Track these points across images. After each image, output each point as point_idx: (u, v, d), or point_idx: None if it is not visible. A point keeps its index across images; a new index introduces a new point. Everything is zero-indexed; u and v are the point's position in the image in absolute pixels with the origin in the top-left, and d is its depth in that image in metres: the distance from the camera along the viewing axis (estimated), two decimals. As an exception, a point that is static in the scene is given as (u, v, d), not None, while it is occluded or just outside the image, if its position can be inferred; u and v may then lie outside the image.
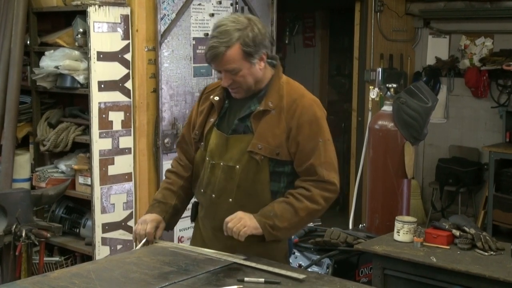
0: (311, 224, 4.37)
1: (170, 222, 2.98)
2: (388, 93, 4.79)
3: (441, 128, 7.39)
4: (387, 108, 4.68)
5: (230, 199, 2.78)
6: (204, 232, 2.94)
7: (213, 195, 2.82)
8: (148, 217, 2.90)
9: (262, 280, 2.38)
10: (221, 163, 2.79)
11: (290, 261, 3.91)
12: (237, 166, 2.76)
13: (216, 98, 2.85)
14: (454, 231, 3.50)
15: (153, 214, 2.92)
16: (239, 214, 2.69)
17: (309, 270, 3.64)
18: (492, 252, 3.36)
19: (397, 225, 3.57)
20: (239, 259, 2.64)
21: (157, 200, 2.98)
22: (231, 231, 2.67)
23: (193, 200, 3.04)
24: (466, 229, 3.48)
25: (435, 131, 7.17)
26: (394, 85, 4.84)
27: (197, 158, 2.93)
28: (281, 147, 2.74)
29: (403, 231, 3.55)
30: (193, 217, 3.04)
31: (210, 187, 2.83)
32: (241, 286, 2.30)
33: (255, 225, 2.68)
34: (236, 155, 2.77)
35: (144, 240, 2.85)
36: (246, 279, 2.39)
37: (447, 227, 3.52)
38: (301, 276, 2.46)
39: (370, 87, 5.25)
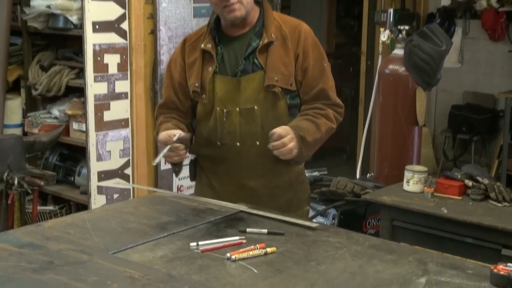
0: (316, 173, 4.38)
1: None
2: (400, 35, 4.75)
3: (455, 73, 7.35)
4: (398, 51, 4.66)
5: (258, 142, 2.79)
6: (222, 188, 2.91)
7: (237, 143, 2.82)
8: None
9: (265, 231, 2.39)
10: (237, 108, 2.80)
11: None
12: (255, 107, 2.79)
13: (209, 45, 2.83)
14: (466, 181, 3.51)
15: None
16: (289, 130, 2.66)
17: (314, 221, 3.66)
18: (505, 203, 3.37)
19: (407, 174, 3.58)
20: (243, 207, 2.65)
21: (169, 128, 2.80)
22: (283, 149, 2.64)
23: (189, 158, 3.01)
24: (479, 179, 3.49)
25: (448, 76, 7.13)
26: (406, 27, 4.81)
27: (199, 112, 2.90)
28: (293, 76, 2.80)
29: (413, 181, 3.56)
30: (193, 176, 3.04)
31: (230, 137, 2.82)
32: (242, 237, 2.32)
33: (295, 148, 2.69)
34: (251, 95, 2.79)
35: (177, 135, 2.66)
36: (248, 229, 2.40)
37: (459, 177, 3.53)
38: (314, 225, 2.48)
39: (381, 29, 5.21)
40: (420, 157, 4.78)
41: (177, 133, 2.68)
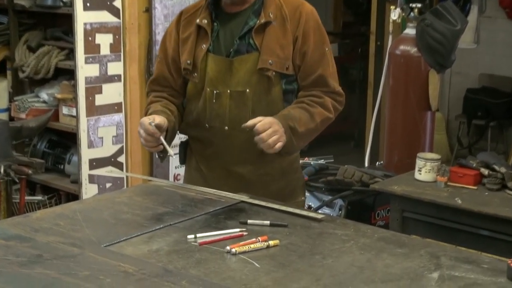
0: (322, 161, 4.38)
1: (168, 142, 2.81)
2: (412, 14, 4.74)
3: (471, 54, 7.33)
4: (410, 31, 4.64)
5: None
6: (211, 173, 2.93)
7: (226, 128, 2.82)
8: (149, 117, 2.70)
9: (268, 222, 2.39)
10: (228, 91, 2.80)
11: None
12: (247, 90, 2.79)
13: (205, 21, 2.83)
14: (482, 169, 3.51)
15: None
16: (272, 122, 2.65)
17: (320, 212, 3.67)
18: (524, 194, 3.38)
19: (419, 162, 3.58)
20: (244, 198, 2.66)
21: (158, 110, 2.81)
22: (265, 143, 2.64)
23: (179, 139, 3.02)
24: (496, 167, 3.49)
25: (463, 58, 7.10)
26: (419, 5, 4.79)
27: (189, 92, 2.91)
28: (289, 59, 2.79)
29: (425, 169, 3.56)
30: (183, 159, 3.05)
31: (219, 120, 2.83)
32: (243, 229, 2.32)
33: (283, 134, 2.68)
34: (243, 78, 2.79)
35: (163, 139, 2.65)
36: (249, 221, 2.40)
37: (474, 165, 3.53)
38: (320, 216, 2.49)
39: (391, 7, 5.18)
40: (432, 144, 4.77)
41: (155, 119, 2.65)
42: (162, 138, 2.66)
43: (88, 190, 4.60)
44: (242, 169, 2.86)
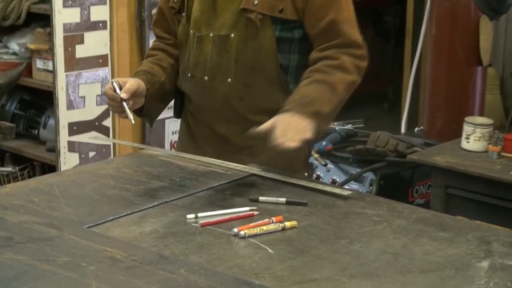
0: (349, 126, 4.38)
1: (153, 105, 2.95)
2: None
3: (531, -3, 7.29)
4: (458, -32, 4.62)
5: (229, 79, 2.81)
6: (196, 131, 2.98)
7: (205, 77, 2.85)
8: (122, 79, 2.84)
9: (283, 199, 2.40)
10: (211, 34, 2.83)
11: (321, 175, 3.96)
12: (232, 35, 2.79)
13: None
14: (543, 137, 3.51)
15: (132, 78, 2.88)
16: (284, 118, 2.59)
17: (347, 187, 3.68)
18: None
19: (467, 128, 3.58)
20: (255, 170, 2.67)
21: (142, 70, 2.95)
22: (281, 142, 2.53)
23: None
24: (560, 135, 3.49)
25: (522, 1, 7.07)
26: None
27: (179, 35, 2.95)
28: (285, 0, 2.74)
29: (474, 136, 3.55)
30: (178, 112, 3.08)
31: (199, 68, 2.86)
32: (254, 208, 2.33)
33: (306, 124, 2.59)
34: (228, 19, 2.80)
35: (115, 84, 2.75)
36: (261, 198, 2.41)
37: (534, 132, 3.53)
38: (346, 193, 2.49)
39: None
40: (483, 106, 4.76)
41: (126, 82, 2.77)
42: (124, 104, 2.72)
43: (68, 160, 4.62)
44: (224, 130, 2.87)
